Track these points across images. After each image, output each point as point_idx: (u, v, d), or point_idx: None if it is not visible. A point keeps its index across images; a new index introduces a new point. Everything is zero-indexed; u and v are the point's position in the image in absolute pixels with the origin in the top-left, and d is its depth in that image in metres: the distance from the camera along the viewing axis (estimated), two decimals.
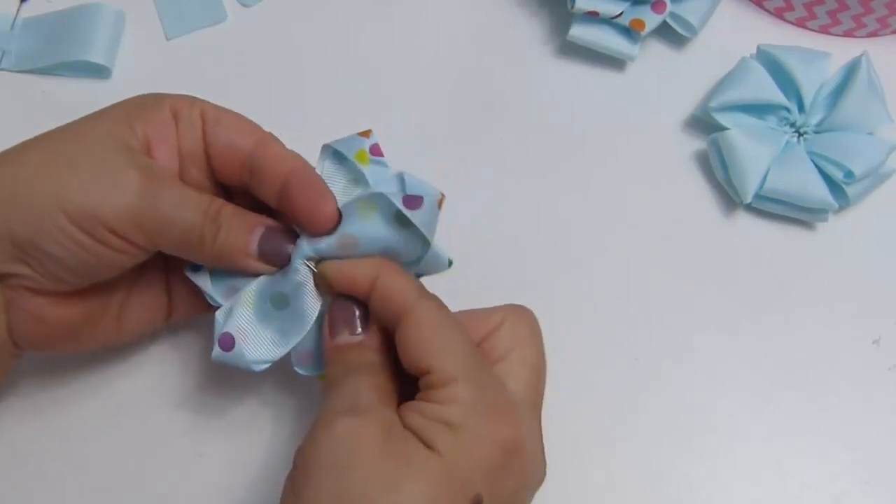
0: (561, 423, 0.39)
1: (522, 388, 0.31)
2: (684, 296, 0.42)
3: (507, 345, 0.32)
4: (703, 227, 0.43)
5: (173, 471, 0.39)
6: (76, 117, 0.45)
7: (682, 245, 0.43)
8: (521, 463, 0.30)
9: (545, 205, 0.44)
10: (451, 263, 0.35)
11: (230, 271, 0.34)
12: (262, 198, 0.34)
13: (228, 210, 0.33)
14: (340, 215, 0.33)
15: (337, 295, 0.33)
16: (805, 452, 0.39)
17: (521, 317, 0.33)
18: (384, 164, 0.35)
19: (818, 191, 0.41)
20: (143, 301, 0.36)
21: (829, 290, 0.42)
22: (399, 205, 0.31)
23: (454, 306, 0.41)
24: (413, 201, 0.31)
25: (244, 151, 0.33)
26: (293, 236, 0.33)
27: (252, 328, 0.34)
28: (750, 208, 0.43)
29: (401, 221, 0.32)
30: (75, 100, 0.46)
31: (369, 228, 0.32)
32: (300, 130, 0.36)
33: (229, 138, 0.34)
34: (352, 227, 0.32)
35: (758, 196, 0.42)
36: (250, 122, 0.34)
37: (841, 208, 0.43)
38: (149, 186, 0.31)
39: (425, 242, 0.32)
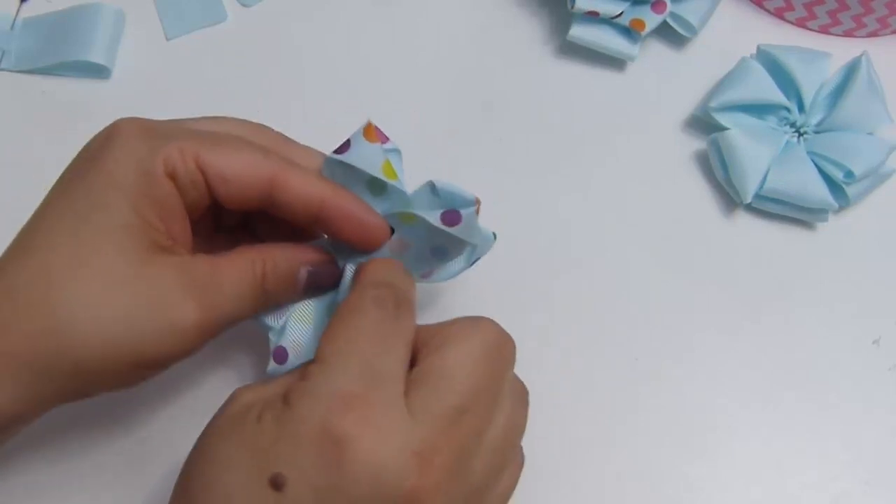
0: (561, 423, 0.39)
1: (428, 392, 0.28)
2: (684, 296, 0.42)
3: (434, 344, 0.29)
4: (703, 227, 0.43)
5: None
6: (76, 117, 0.45)
7: (682, 245, 0.43)
8: (352, 465, 0.26)
9: (545, 205, 0.44)
10: (495, 237, 0.35)
11: None
12: (289, 221, 0.33)
13: (270, 270, 0.32)
14: (392, 229, 0.33)
15: None
16: (805, 452, 0.39)
17: (465, 323, 0.30)
18: (397, 151, 0.34)
19: (818, 191, 0.41)
20: None
21: (829, 290, 0.42)
22: (439, 224, 0.31)
23: (454, 307, 0.41)
24: (452, 217, 0.31)
25: (258, 198, 0.32)
26: (333, 265, 0.33)
27: (306, 342, 0.34)
28: (750, 208, 0.43)
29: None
30: (75, 100, 0.46)
31: (416, 231, 0.32)
32: (300, 130, 0.36)
33: (241, 193, 0.31)
34: (400, 232, 0.33)
35: (758, 196, 0.42)
36: (254, 156, 0.32)
37: (841, 208, 0.43)
38: (208, 314, 0.31)
39: (471, 244, 0.33)
